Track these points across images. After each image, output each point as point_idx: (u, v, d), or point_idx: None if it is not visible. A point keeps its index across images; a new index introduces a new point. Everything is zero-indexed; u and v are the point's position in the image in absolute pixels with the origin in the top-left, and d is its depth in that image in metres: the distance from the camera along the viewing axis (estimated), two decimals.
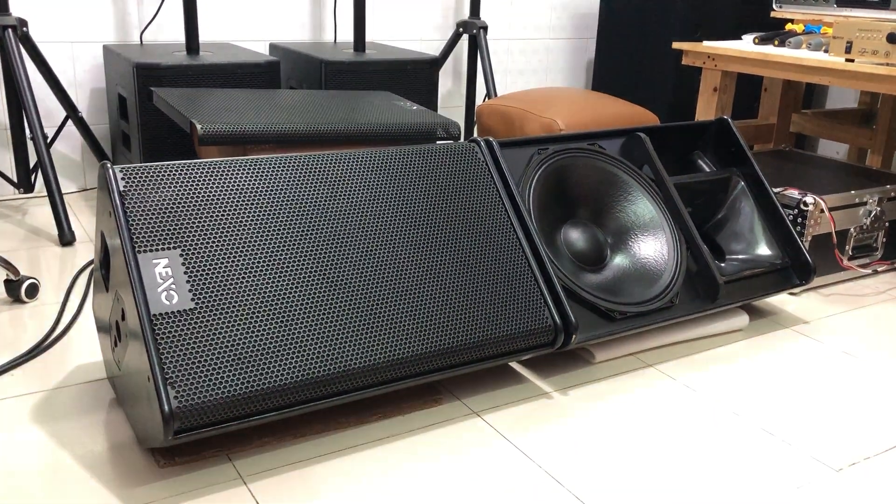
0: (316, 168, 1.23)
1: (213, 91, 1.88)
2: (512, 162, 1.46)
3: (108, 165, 1.10)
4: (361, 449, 1.16)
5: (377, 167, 1.28)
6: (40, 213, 2.14)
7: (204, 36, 2.42)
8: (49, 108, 2.25)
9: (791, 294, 1.80)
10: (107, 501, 1.02)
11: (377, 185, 1.27)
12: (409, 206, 1.27)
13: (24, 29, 1.99)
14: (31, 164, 2.15)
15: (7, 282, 1.59)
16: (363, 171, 1.27)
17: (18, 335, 1.46)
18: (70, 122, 2.21)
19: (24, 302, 1.59)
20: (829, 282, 1.86)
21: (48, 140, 1.98)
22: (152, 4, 2.32)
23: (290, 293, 1.12)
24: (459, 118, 2.96)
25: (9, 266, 1.56)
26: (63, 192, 2.30)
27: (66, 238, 1.91)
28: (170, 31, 2.37)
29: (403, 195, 1.28)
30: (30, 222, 2.06)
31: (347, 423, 1.22)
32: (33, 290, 1.59)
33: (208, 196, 1.14)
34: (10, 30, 1.94)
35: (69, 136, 2.30)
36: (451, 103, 2.94)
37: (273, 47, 2.47)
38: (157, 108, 1.95)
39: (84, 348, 1.42)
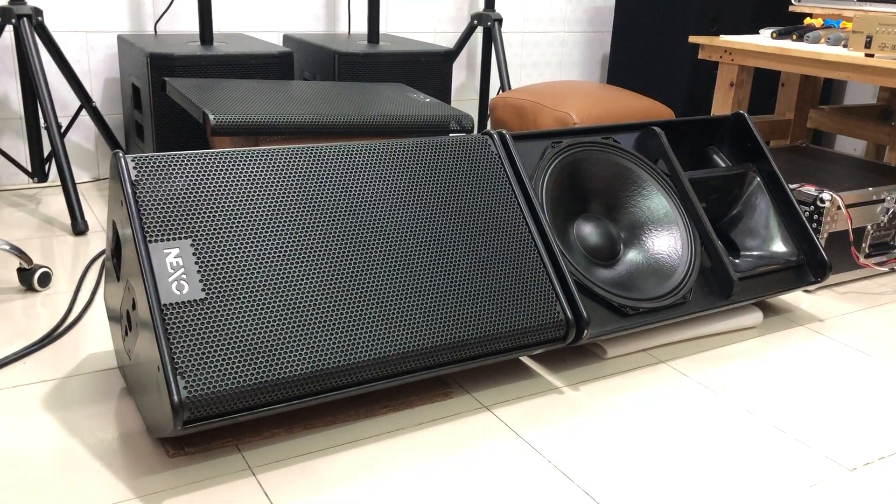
0: (327, 159, 1.23)
1: (226, 82, 1.88)
2: (525, 155, 1.45)
3: (120, 155, 1.10)
4: (370, 441, 1.16)
5: (389, 159, 1.28)
6: (54, 202, 2.15)
7: (219, 27, 2.42)
8: (64, 98, 2.26)
9: (806, 291, 1.78)
10: (116, 490, 1.03)
11: (389, 176, 1.26)
12: (421, 199, 1.27)
13: (39, 18, 1.99)
14: (46, 154, 2.16)
15: (20, 270, 1.59)
16: (375, 163, 1.26)
17: (31, 323, 1.46)
18: (84, 111, 2.21)
19: (36, 290, 1.59)
20: (845, 279, 1.84)
21: (62, 130, 1.98)
22: None
23: (301, 285, 1.12)
24: (473, 111, 2.95)
25: (22, 255, 1.57)
26: (77, 181, 2.31)
27: (79, 227, 1.91)
28: (185, 21, 2.37)
29: (415, 187, 1.27)
30: (43, 211, 2.07)
31: (357, 415, 1.22)
32: (46, 279, 1.60)
33: (220, 186, 1.14)
34: (25, 19, 1.95)
35: (83, 126, 2.31)
36: (464, 96, 2.93)
37: (287, 38, 2.46)
38: (170, 98, 1.95)
39: (96, 337, 1.43)
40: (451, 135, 1.38)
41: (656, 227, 1.50)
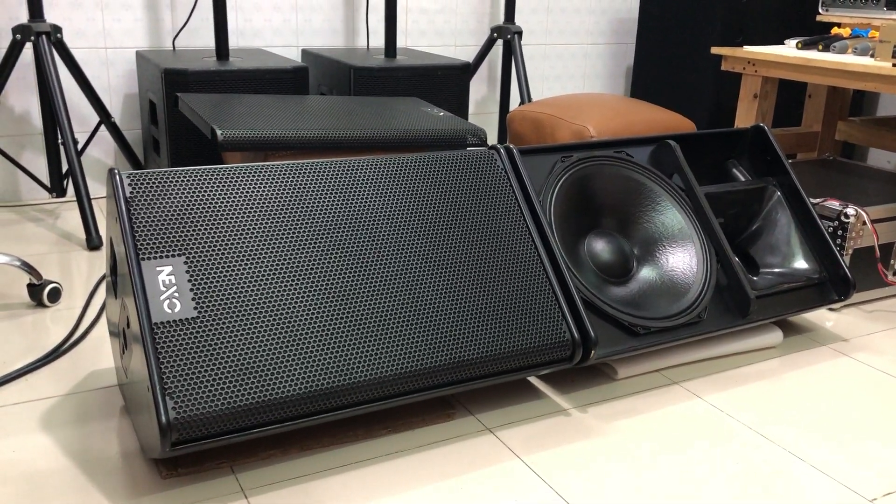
0: (326, 175, 1.21)
1: (239, 97, 1.88)
2: (535, 170, 1.41)
3: (115, 171, 1.09)
4: (368, 464, 1.13)
5: (390, 174, 1.25)
6: (72, 217, 2.16)
7: (240, 43, 2.42)
8: (83, 114, 2.27)
9: (830, 310, 1.72)
10: None
11: (390, 192, 1.24)
12: (423, 214, 1.24)
13: (59, 35, 2.01)
14: (64, 170, 2.17)
15: (30, 286, 1.60)
16: (375, 178, 1.24)
17: (40, 339, 1.46)
18: (103, 127, 2.23)
19: (46, 306, 1.60)
20: (871, 298, 1.77)
21: (77, 145, 2.00)
22: (185, 11, 2.33)
23: (296, 303, 1.10)
24: (493, 125, 2.92)
25: (31, 270, 1.57)
26: (96, 196, 2.32)
27: (93, 242, 1.92)
28: (203, 37, 2.38)
29: (417, 203, 1.25)
30: (61, 226, 2.08)
31: (355, 436, 1.19)
32: (55, 295, 1.60)
33: (215, 203, 1.12)
34: (43, 36, 1.97)
35: (103, 142, 2.33)
36: (485, 109, 2.91)
37: (305, 53, 2.46)
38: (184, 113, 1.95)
39: (101, 354, 1.42)
40: (456, 150, 1.35)
41: (670, 244, 1.46)
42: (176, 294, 1.04)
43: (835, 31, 2.26)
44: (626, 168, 1.49)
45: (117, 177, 1.08)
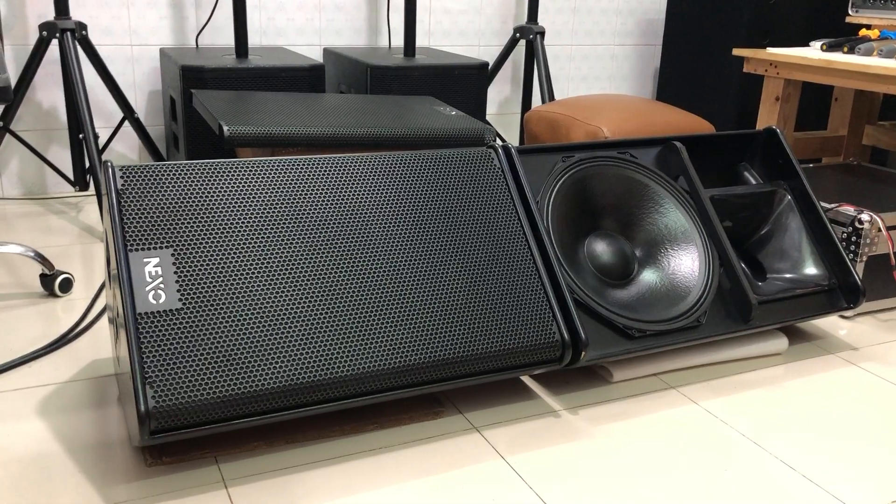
0: (317, 171, 1.21)
1: (253, 94, 1.90)
2: (537, 170, 1.40)
3: (108, 164, 1.11)
4: (351, 459, 1.14)
5: (384, 171, 1.26)
6: (94, 210, 2.21)
7: (263, 41, 2.45)
8: (109, 110, 2.32)
9: (843, 318, 1.68)
10: (87, 497, 1.03)
11: (382, 189, 1.24)
12: (415, 211, 1.24)
13: (84, 32, 2.06)
14: (88, 164, 2.22)
15: (42, 276, 1.64)
16: (368, 175, 1.24)
17: (50, 328, 1.50)
18: (127, 122, 2.27)
19: (57, 296, 1.63)
20: (887, 306, 1.72)
21: (97, 140, 2.04)
22: (210, 9, 2.37)
23: (282, 297, 1.11)
24: (516, 125, 2.91)
25: (44, 261, 1.61)
26: None
27: None
28: (228, 35, 2.41)
29: (409, 200, 1.25)
30: (83, 219, 2.13)
31: (342, 431, 1.20)
32: (67, 285, 1.64)
33: (204, 197, 1.14)
34: (68, 33, 2.01)
35: (127, 137, 2.38)
36: (509, 110, 2.90)
37: (326, 52, 2.48)
38: None
39: (105, 344, 1.45)
40: (455, 148, 1.35)
41: (673, 246, 1.44)
42: (162, 285, 1.06)
43: (863, 32, 2.20)
44: (629, 169, 1.47)
45: (109, 170, 1.11)
